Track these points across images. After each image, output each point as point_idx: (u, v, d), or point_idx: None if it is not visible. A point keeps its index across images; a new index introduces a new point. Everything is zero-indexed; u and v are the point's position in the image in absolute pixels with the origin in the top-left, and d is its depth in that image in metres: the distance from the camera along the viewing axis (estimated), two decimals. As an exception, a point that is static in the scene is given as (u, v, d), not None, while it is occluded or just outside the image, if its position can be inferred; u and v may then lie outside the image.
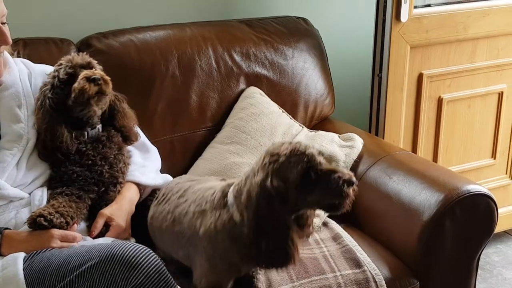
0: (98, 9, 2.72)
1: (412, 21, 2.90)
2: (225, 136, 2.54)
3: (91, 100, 1.96)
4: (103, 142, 2.07)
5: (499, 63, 3.22)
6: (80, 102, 1.96)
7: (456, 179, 2.20)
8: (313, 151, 1.63)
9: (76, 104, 1.98)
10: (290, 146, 1.63)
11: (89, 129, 2.06)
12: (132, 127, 2.19)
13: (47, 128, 1.99)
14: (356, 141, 2.52)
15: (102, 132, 2.10)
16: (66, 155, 2.02)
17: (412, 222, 2.13)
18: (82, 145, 2.04)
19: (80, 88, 1.93)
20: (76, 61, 2.01)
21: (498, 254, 3.40)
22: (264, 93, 2.68)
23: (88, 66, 2.02)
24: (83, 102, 1.97)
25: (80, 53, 2.07)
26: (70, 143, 2.00)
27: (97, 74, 1.96)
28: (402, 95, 3.02)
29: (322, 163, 1.63)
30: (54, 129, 1.99)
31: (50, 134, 1.99)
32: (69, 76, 1.98)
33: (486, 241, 2.17)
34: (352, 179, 1.59)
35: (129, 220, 2.07)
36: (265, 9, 3.03)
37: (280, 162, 1.61)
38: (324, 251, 2.12)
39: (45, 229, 1.82)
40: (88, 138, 2.06)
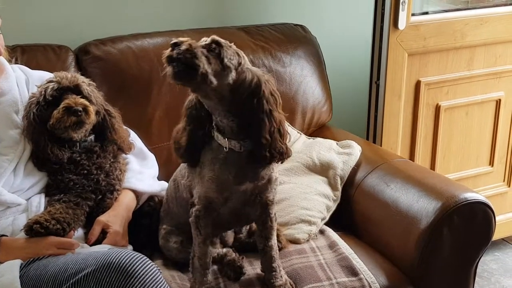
0: (96, 15, 2.72)
1: (410, 28, 2.90)
2: (222, 143, 2.54)
3: (68, 129, 1.97)
4: (96, 152, 2.07)
5: (496, 71, 3.23)
6: (57, 128, 1.97)
7: (454, 186, 2.19)
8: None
9: (53, 129, 1.98)
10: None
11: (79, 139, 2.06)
12: (125, 140, 2.18)
13: (31, 139, 2.00)
14: (354, 148, 2.52)
15: (95, 142, 2.10)
16: (60, 164, 2.02)
17: (409, 230, 2.13)
18: (76, 154, 2.04)
19: (58, 118, 1.94)
20: (64, 83, 2.00)
21: (496, 262, 3.40)
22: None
23: (76, 89, 2.02)
24: (60, 129, 1.97)
25: (71, 74, 2.07)
26: (58, 153, 2.00)
27: (79, 105, 1.96)
28: (399, 102, 3.02)
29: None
30: (37, 141, 1.99)
31: (35, 146, 2.00)
32: (54, 98, 1.98)
33: (484, 248, 2.17)
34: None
35: (126, 227, 2.07)
36: (263, 16, 3.03)
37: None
38: (320, 259, 2.11)
39: (42, 236, 1.83)
40: (81, 148, 2.06)
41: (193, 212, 1.88)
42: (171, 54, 1.63)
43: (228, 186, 1.83)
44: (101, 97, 2.13)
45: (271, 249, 1.96)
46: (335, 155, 2.50)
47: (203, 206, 1.86)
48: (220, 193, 1.84)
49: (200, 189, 1.86)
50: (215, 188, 1.83)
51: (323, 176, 2.45)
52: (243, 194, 1.87)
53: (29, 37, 2.50)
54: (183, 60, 1.62)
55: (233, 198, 1.87)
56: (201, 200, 1.86)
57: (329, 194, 2.40)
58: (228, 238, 2.17)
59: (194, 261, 1.92)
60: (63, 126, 1.96)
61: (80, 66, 2.49)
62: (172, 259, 2.09)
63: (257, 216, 1.95)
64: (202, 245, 1.89)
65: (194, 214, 1.87)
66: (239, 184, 1.84)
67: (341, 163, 2.46)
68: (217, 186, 1.83)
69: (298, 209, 2.31)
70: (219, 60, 1.69)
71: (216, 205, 1.87)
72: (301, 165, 2.49)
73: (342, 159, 2.48)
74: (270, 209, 1.94)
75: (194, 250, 1.92)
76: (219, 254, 2.02)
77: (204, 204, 1.86)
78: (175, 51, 1.62)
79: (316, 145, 2.56)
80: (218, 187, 1.83)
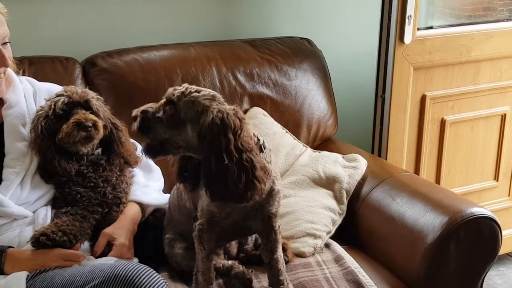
0: (103, 28, 2.73)
1: (416, 43, 2.91)
2: (228, 157, 2.54)
3: (77, 143, 1.98)
4: (103, 165, 2.08)
5: (502, 85, 3.23)
6: (66, 142, 1.98)
7: (460, 201, 2.19)
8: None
9: (62, 142, 1.99)
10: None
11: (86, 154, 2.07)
12: (132, 153, 2.19)
13: (39, 152, 2.00)
14: (360, 162, 2.52)
15: (102, 155, 2.10)
16: (68, 177, 2.02)
17: (415, 245, 2.12)
18: (83, 167, 2.05)
19: (68, 132, 1.96)
20: (74, 98, 2.01)
21: (501, 277, 3.38)
22: (267, 114, 2.68)
23: (86, 104, 2.03)
24: (69, 143, 1.98)
25: (81, 89, 2.08)
26: (66, 165, 2.01)
27: (89, 121, 1.97)
28: (405, 116, 3.02)
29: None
30: (45, 154, 2.00)
31: (43, 159, 2.00)
32: (64, 112, 1.99)
33: (490, 264, 2.16)
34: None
35: (132, 239, 2.06)
36: (269, 29, 3.04)
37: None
38: (325, 273, 2.11)
39: (48, 248, 1.82)
40: (88, 161, 2.06)
41: (197, 226, 1.87)
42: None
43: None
44: (108, 111, 2.13)
45: (277, 262, 1.95)
46: (341, 168, 2.50)
47: (206, 220, 1.85)
48: (221, 208, 1.83)
49: (203, 203, 1.86)
50: (217, 203, 1.82)
51: (329, 189, 2.45)
52: (243, 209, 1.85)
53: (37, 49, 2.51)
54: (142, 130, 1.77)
55: (234, 213, 1.86)
56: (204, 214, 1.86)
57: (334, 208, 2.39)
58: (231, 249, 2.17)
59: (197, 276, 1.91)
60: (72, 140, 1.97)
61: (87, 78, 2.50)
62: (177, 266, 2.07)
63: (260, 228, 1.94)
64: (205, 260, 1.88)
65: (198, 228, 1.87)
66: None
67: (347, 176, 2.46)
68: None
69: (303, 223, 2.30)
70: (175, 117, 1.75)
71: (218, 219, 1.86)
72: (306, 178, 2.48)
73: (348, 172, 2.48)
74: (273, 222, 1.93)
75: (197, 265, 1.91)
76: (224, 266, 2.01)
77: (207, 219, 1.85)
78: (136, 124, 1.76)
79: (322, 158, 2.56)
80: (219, 203, 1.82)
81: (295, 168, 2.56)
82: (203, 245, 1.86)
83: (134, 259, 2.02)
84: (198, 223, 1.87)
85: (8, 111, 2.04)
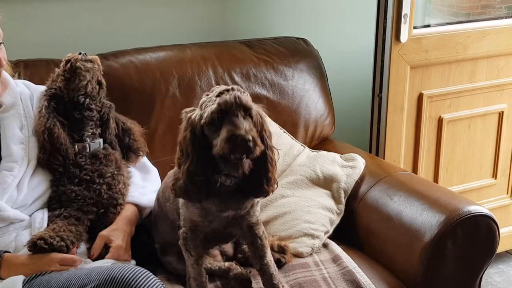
0: (99, 30, 2.73)
1: (412, 41, 2.91)
2: (225, 157, 2.54)
3: (78, 69, 2.06)
4: (100, 158, 2.10)
5: (499, 83, 3.23)
6: (69, 72, 2.06)
7: (457, 200, 2.19)
8: (230, 98, 1.66)
9: (68, 78, 2.07)
10: (221, 88, 1.71)
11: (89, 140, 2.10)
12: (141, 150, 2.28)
13: (44, 130, 2.02)
14: (357, 161, 2.51)
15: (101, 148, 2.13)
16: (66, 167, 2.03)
17: (413, 243, 2.12)
18: (82, 159, 2.06)
19: (68, 58, 2.09)
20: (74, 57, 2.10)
21: (500, 274, 3.38)
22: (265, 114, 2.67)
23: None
24: (73, 71, 2.06)
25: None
26: (69, 144, 2.04)
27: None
28: (402, 115, 3.02)
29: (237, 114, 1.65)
30: (51, 130, 2.02)
31: (48, 136, 2.01)
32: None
33: (488, 262, 2.16)
34: (246, 136, 1.61)
35: (129, 241, 2.06)
36: (265, 29, 3.04)
37: (206, 98, 1.71)
38: (323, 273, 2.11)
39: (45, 252, 1.82)
40: (89, 152, 2.08)
41: (181, 234, 1.88)
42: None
43: (211, 213, 1.83)
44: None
45: (269, 267, 1.93)
46: (339, 168, 2.50)
47: (189, 228, 1.87)
48: (204, 217, 1.84)
49: (185, 213, 1.86)
50: (199, 213, 1.84)
51: (327, 189, 2.45)
52: (225, 219, 1.86)
53: (32, 52, 2.51)
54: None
55: (215, 222, 1.87)
56: (186, 222, 1.87)
57: (332, 208, 2.39)
58: (227, 249, 2.17)
59: (190, 282, 1.91)
60: (74, 64, 2.08)
61: (82, 80, 2.50)
62: (174, 270, 2.08)
63: (242, 234, 1.95)
64: (195, 265, 1.88)
65: (182, 236, 1.88)
66: (221, 212, 1.84)
67: (344, 176, 2.46)
68: (201, 212, 1.83)
69: (301, 223, 2.30)
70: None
71: (201, 228, 1.87)
72: (304, 178, 2.48)
73: (345, 172, 2.47)
74: (255, 230, 1.92)
75: (188, 272, 1.91)
76: (221, 268, 2.01)
77: (190, 227, 1.86)
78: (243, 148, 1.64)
79: (320, 158, 2.56)
80: (202, 213, 1.83)
81: (293, 168, 2.56)
82: (190, 252, 1.87)
83: (132, 261, 2.02)
84: (181, 231, 1.88)
85: (4, 114, 2.04)
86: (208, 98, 1.70)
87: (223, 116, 1.64)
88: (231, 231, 1.94)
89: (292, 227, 2.29)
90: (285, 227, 2.29)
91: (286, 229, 2.29)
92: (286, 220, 2.32)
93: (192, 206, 1.83)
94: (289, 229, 2.29)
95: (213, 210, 1.82)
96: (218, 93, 1.68)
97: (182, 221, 1.88)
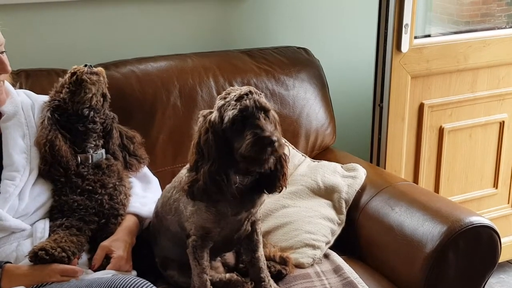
0: (100, 40, 2.73)
1: (413, 51, 2.91)
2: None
3: (83, 82, 2.05)
4: (103, 169, 2.10)
5: (500, 93, 3.23)
6: (75, 84, 2.05)
7: (459, 210, 2.19)
8: (250, 103, 1.71)
9: (73, 90, 2.05)
10: (238, 91, 1.75)
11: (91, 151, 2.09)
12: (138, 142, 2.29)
13: (46, 142, 2.01)
14: (359, 171, 2.51)
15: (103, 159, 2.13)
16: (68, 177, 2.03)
17: (414, 254, 2.12)
18: (85, 169, 2.06)
19: (73, 70, 2.07)
20: (80, 69, 2.09)
21: (502, 284, 3.38)
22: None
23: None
24: (78, 84, 2.05)
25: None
26: (70, 157, 2.03)
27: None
28: (403, 125, 3.02)
29: (258, 116, 1.71)
30: (53, 143, 2.02)
31: (50, 148, 2.01)
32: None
33: (489, 273, 2.16)
34: (272, 138, 1.68)
35: (130, 251, 2.05)
36: (266, 39, 3.04)
37: (224, 101, 1.75)
38: (325, 284, 2.10)
39: (46, 263, 1.82)
40: (92, 163, 2.08)
41: (190, 243, 1.89)
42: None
43: (226, 217, 1.86)
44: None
45: (259, 260, 2.00)
46: (340, 178, 2.49)
47: (199, 236, 1.88)
48: (217, 223, 1.86)
49: (197, 220, 1.87)
50: (213, 219, 1.85)
51: (328, 199, 2.44)
52: (237, 222, 1.90)
53: (33, 62, 2.51)
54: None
55: (228, 227, 1.90)
56: (197, 230, 1.87)
57: (333, 218, 2.39)
58: (229, 260, 2.17)
59: None
60: (80, 76, 2.07)
61: (84, 90, 2.49)
62: (176, 283, 2.07)
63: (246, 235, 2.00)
64: (201, 275, 1.89)
65: (191, 244, 1.89)
66: (236, 215, 1.87)
67: (346, 186, 2.45)
68: (215, 217, 1.85)
69: (302, 233, 2.30)
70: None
71: (213, 235, 1.89)
72: (305, 188, 2.48)
73: (347, 182, 2.47)
74: (256, 225, 1.99)
75: (193, 281, 1.92)
76: (222, 280, 2.01)
77: (201, 234, 1.87)
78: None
79: (321, 168, 2.56)
80: (216, 218, 1.85)
81: (294, 178, 2.55)
82: (198, 260, 1.89)
83: (133, 272, 2.01)
84: (191, 240, 1.89)
85: (6, 123, 2.04)
86: (227, 102, 1.74)
87: (245, 119, 1.70)
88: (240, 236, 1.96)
89: (293, 238, 2.29)
90: (286, 237, 2.29)
91: (287, 239, 2.28)
92: (287, 231, 2.31)
93: (206, 211, 1.84)
94: (290, 239, 2.28)
95: (228, 214, 1.85)
96: (238, 98, 1.72)
97: (192, 229, 1.89)
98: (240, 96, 1.72)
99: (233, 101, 1.72)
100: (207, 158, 1.76)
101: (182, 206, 1.93)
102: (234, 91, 1.76)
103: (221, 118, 1.74)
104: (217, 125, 1.75)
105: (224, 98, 1.76)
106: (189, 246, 1.89)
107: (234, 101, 1.72)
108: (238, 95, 1.72)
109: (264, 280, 1.99)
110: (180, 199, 1.94)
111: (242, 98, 1.71)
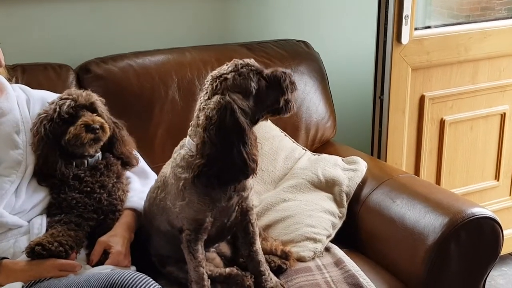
0: (97, 34, 2.72)
1: (413, 43, 2.89)
2: (226, 161, 2.52)
3: (85, 145, 1.99)
4: (101, 170, 2.07)
5: (501, 84, 3.22)
6: (72, 144, 1.98)
7: (460, 202, 2.17)
8: (252, 60, 1.76)
9: (68, 145, 1.99)
10: (231, 64, 1.76)
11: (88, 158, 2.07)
12: (132, 152, 2.19)
13: (40, 155, 2.00)
14: (359, 164, 2.50)
15: (101, 160, 2.10)
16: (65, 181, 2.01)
17: (416, 246, 2.11)
18: (82, 171, 2.04)
19: (76, 134, 1.96)
20: (80, 101, 2.01)
21: (504, 277, 3.36)
22: (265, 117, 2.66)
23: (91, 107, 2.03)
24: (76, 145, 1.98)
25: (85, 92, 2.07)
26: (64, 170, 2.01)
27: (97, 123, 1.98)
28: (404, 117, 3.00)
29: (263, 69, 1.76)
30: (47, 156, 1.99)
31: (43, 161, 1.99)
32: (69, 116, 1.99)
33: (491, 264, 2.15)
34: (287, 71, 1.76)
35: (129, 247, 2.04)
36: (265, 32, 3.02)
37: (231, 78, 1.74)
38: (326, 277, 2.09)
39: (43, 258, 1.80)
40: (87, 166, 2.06)
41: (184, 237, 1.88)
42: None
43: (219, 203, 1.85)
44: (107, 111, 2.14)
45: (257, 254, 1.99)
46: (341, 171, 2.48)
47: (193, 229, 1.86)
48: (210, 212, 1.85)
49: (188, 213, 1.86)
50: (206, 208, 1.84)
51: (329, 192, 2.43)
52: (229, 209, 1.90)
53: (29, 57, 2.49)
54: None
55: (220, 217, 1.89)
56: (190, 223, 1.86)
57: (334, 211, 2.37)
58: (225, 250, 2.16)
59: (192, 286, 1.90)
60: (80, 142, 1.97)
61: (81, 85, 2.47)
62: (175, 279, 2.06)
63: (238, 224, 1.98)
64: (197, 268, 1.88)
65: (185, 239, 1.88)
66: (229, 200, 1.87)
67: (346, 179, 2.44)
68: (208, 206, 1.84)
69: (303, 227, 2.28)
70: None
71: (206, 226, 1.87)
72: (306, 181, 2.46)
73: (347, 175, 2.46)
74: (250, 215, 1.98)
75: (190, 275, 1.90)
76: (222, 275, 2.00)
77: (194, 227, 1.86)
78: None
79: (321, 161, 2.54)
80: (209, 207, 1.84)
81: (294, 171, 2.54)
82: (193, 254, 1.88)
83: (132, 267, 2.00)
84: (184, 234, 1.88)
85: (1, 119, 2.02)
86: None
87: None
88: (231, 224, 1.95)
89: (294, 231, 2.28)
90: (287, 231, 2.28)
91: (288, 233, 2.27)
92: (288, 224, 2.30)
93: (198, 202, 1.82)
94: (291, 233, 2.27)
95: (221, 200, 1.84)
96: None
97: (185, 224, 1.87)
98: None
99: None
100: (214, 145, 1.74)
101: (169, 204, 1.91)
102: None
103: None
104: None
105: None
106: (183, 240, 1.88)
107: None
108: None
109: (264, 273, 1.98)
110: (166, 197, 1.92)
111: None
